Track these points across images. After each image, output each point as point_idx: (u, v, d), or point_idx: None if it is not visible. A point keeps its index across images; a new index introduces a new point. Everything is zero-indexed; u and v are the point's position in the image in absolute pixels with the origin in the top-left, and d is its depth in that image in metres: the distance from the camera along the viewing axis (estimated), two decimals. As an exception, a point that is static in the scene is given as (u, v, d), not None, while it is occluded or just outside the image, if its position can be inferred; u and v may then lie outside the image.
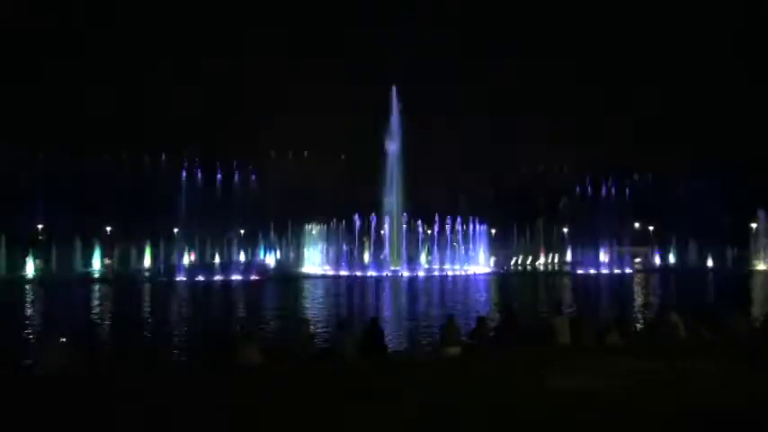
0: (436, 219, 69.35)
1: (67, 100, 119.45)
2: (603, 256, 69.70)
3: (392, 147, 68.44)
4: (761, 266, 66.48)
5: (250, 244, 78.24)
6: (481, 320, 15.00)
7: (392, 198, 68.56)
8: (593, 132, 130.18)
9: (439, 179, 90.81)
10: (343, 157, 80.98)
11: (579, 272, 61.40)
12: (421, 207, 72.49)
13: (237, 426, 7.60)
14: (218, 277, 50.22)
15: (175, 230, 69.75)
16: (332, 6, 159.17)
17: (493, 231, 78.83)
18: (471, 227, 69.87)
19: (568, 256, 76.01)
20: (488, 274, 60.50)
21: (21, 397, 9.21)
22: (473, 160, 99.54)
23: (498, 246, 76.55)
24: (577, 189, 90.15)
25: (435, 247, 69.00)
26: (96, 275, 52.82)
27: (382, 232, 70.46)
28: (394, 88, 70.91)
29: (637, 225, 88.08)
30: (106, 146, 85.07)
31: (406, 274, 59.32)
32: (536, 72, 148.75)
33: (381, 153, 69.39)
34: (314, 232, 70.85)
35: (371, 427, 7.46)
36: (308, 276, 54.14)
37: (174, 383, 10.20)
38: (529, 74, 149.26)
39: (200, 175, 78.10)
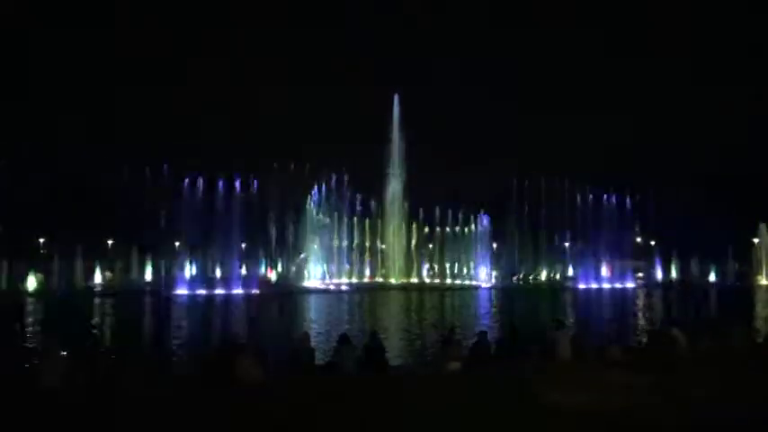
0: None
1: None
2: (605, 271, 69.61)
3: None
4: (764, 281, 66.22)
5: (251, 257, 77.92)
6: (482, 335, 14.95)
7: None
8: (593, 144, 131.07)
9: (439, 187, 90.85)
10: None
11: (580, 286, 61.33)
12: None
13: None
14: (219, 290, 50.58)
15: (177, 243, 69.77)
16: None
17: (494, 245, 78.80)
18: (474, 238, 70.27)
19: (570, 270, 75.93)
20: (490, 287, 60.49)
21: (21, 411, 9.18)
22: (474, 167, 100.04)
23: (500, 259, 76.59)
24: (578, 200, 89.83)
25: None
26: (99, 289, 52.96)
27: (383, 246, 70.60)
28: (396, 96, 71.57)
29: (639, 239, 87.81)
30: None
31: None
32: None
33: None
34: (315, 245, 70.82)
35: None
36: (309, 290, 54.20)
37: (173, 400, 10.17)
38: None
39: (201, 186, 77.80)
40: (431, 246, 74.66)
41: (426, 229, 74.85)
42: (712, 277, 69.58)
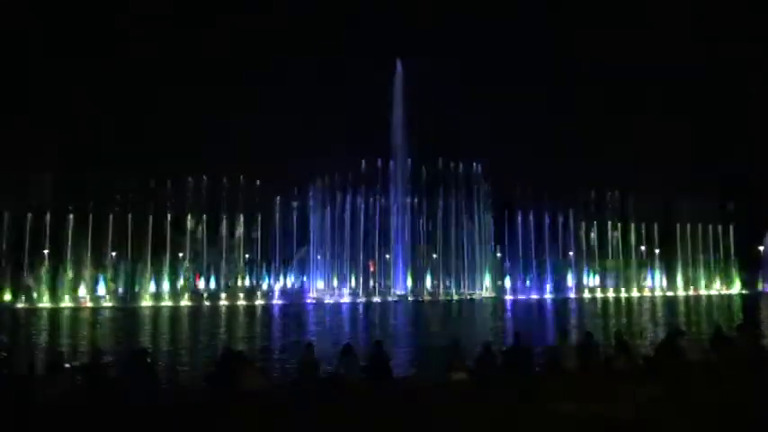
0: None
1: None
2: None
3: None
4: (769, 289, 65.90)
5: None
6: (488, 346, 14.81)
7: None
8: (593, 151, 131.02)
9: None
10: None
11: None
12: None
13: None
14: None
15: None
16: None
17: (498, 255, 78.56)
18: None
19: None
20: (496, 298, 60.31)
21: (22, 426, 9.13)
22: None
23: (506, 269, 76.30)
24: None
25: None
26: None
27: (387, 256, 70.37)
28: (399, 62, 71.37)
29: (642, 248, 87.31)
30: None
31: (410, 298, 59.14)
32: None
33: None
34: (318, 257, 70.72)
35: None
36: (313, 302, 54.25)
37: (177, 411, 10.11)
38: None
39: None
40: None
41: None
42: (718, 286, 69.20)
